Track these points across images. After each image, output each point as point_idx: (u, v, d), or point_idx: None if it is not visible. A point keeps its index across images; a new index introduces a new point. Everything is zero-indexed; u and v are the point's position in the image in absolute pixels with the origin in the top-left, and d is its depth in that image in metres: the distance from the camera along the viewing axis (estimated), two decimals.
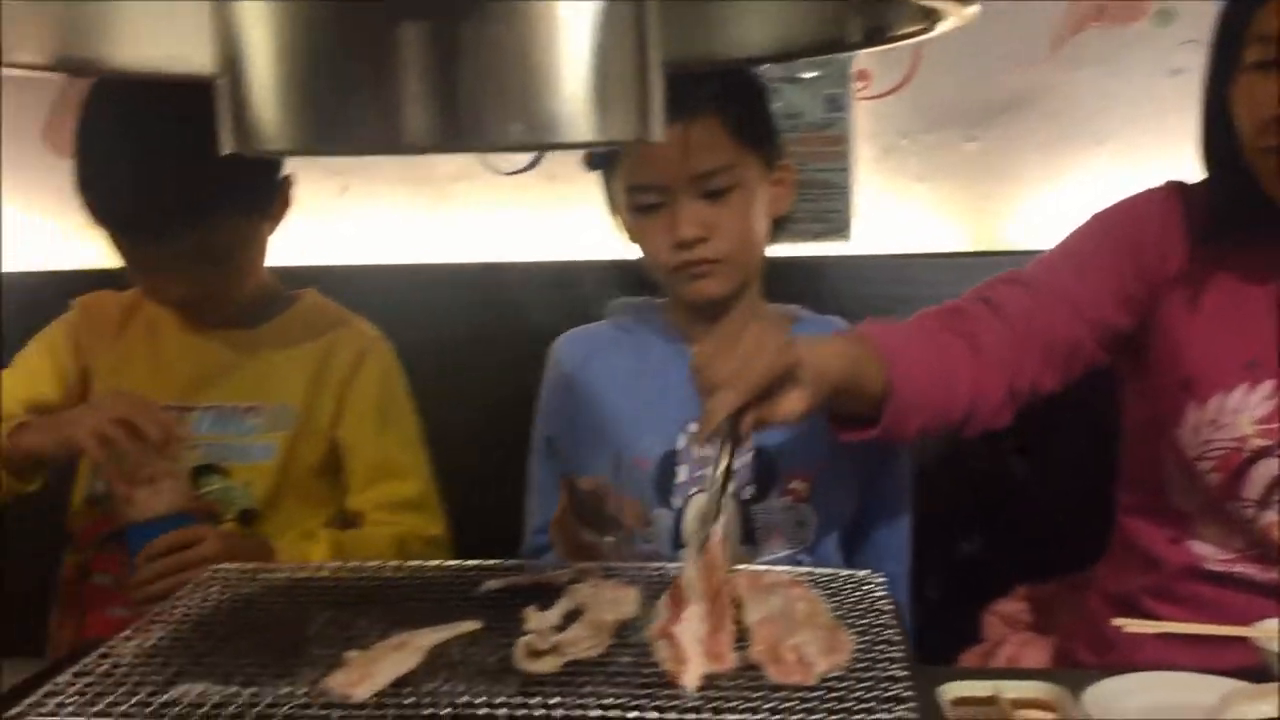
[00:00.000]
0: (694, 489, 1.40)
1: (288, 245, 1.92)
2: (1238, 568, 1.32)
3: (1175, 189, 1.39)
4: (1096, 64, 1.81)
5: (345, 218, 2.00)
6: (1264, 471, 1.29)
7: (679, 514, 1.40)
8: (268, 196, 1.51)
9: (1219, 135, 1.30)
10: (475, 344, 1.85)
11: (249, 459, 1.51)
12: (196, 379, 1.52)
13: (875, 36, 0.81)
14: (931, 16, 0.76)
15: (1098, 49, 1.80)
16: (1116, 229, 1.39)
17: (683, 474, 1.40)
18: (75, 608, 1.53)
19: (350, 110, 0.73)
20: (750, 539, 1.39)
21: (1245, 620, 1.16)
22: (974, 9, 0.76)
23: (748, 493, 1.39)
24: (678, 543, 1.38)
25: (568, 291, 1.76)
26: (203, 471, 1.49)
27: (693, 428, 1.40)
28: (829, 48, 0.89)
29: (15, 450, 1.37)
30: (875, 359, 1.22)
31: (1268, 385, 1.29)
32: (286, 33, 0.74)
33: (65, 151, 1.97)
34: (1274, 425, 1.29)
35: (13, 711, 0.82)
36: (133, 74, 0.95)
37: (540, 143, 0.75)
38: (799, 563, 1.39)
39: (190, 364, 1.54)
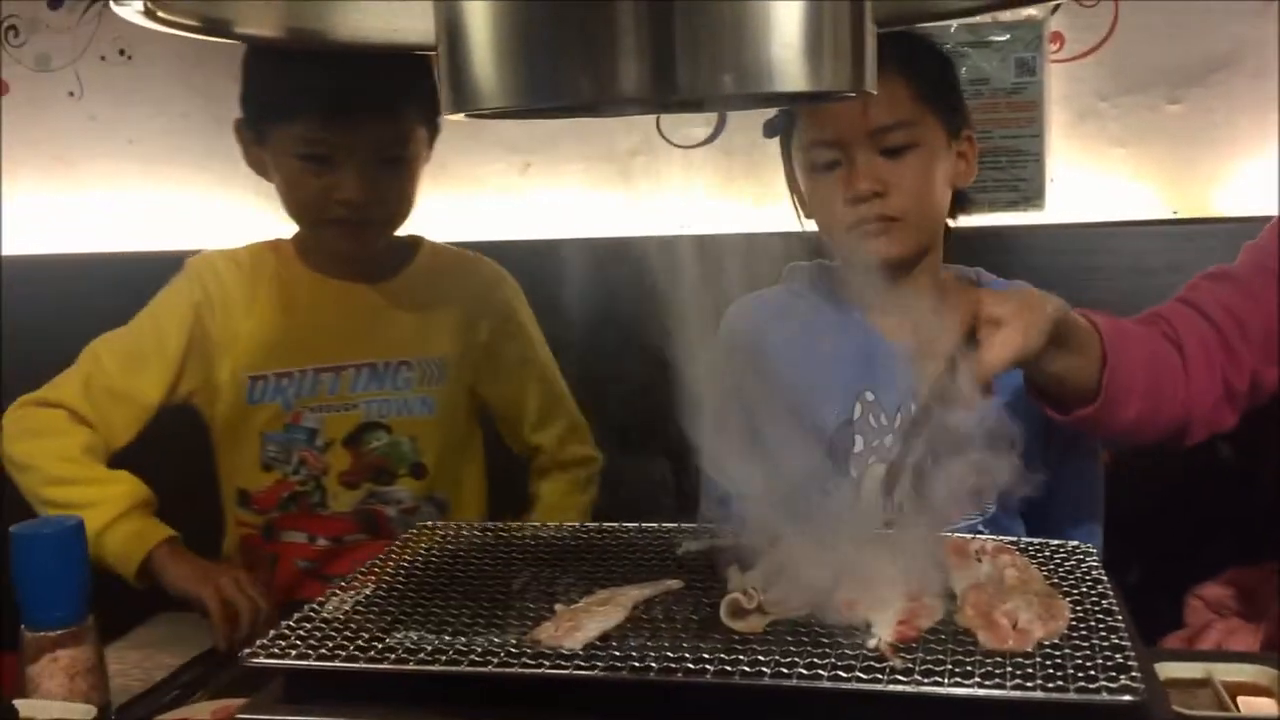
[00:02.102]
0: (871, 458, 1.38)
1: (472, 221, 1.98)
2: None
3: None
4: None
5: (528, 194, 2.03)
6: None
7: (856, 484, 1.38)
8: (435, 120, 1.51)
9: None
10: (654, 317, 1.86)
11: (410, 413, 1.54)
12: (344, 336, 1.54)
13: None
14: None
15: None
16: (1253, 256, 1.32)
17: (859, 444, 1.38)
18: (260, 563, 1.57)
19: (565, 64, 0.74)
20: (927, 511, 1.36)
21: None
22: None
23: (925, 461, 1.36)
24: (855, 513, 1.36)
25: (744, 265, 1.76)
26: (368, 429, 1.53)
27: (869, 396, 1.38)
28: None
29: (151, 580, 1.40)
30: (1089, 329, 1.18)
31: None
32: None
33: None
34: None
35: (246, 651, 0.87)
36: (348, 46, 0.98)
37: (753, 91, 0.75)
38: (978, 532, 1.36)
39: (335, 321, 1.55)
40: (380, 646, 0.86)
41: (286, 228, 2.08)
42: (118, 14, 0.81)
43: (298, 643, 0.87)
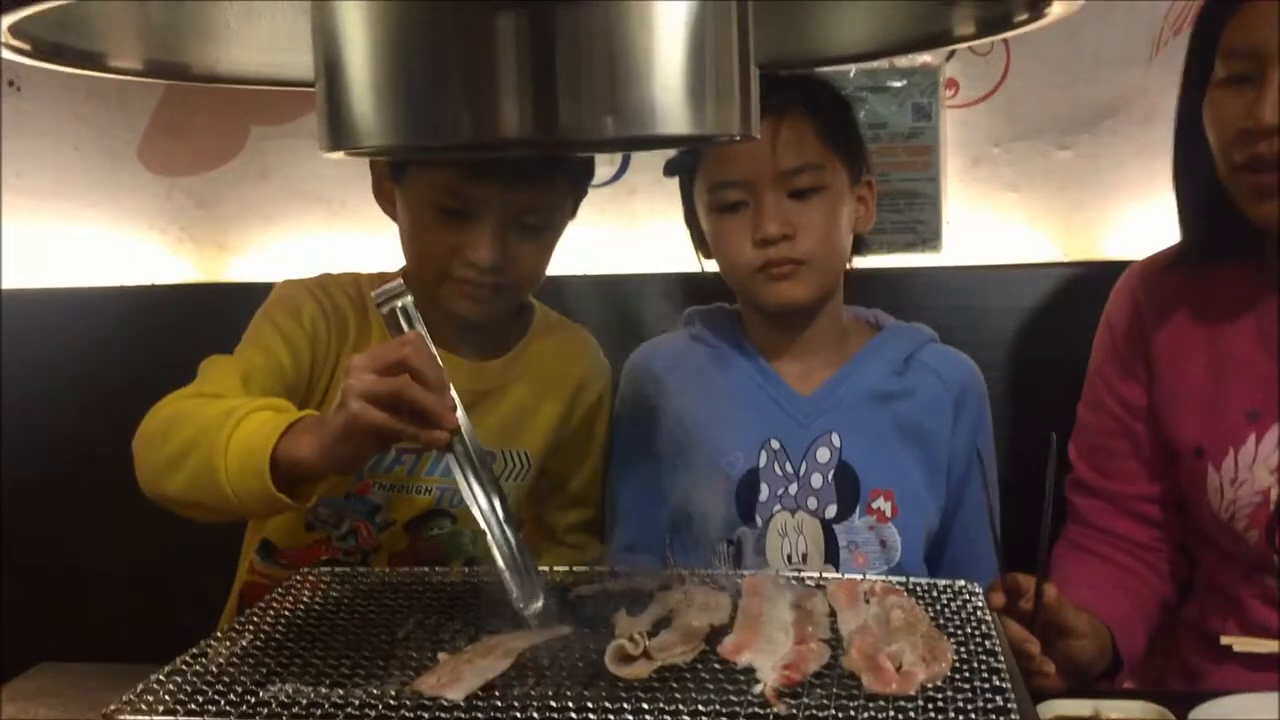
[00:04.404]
0: (776, 506, 1.38)
1: (380, 263, 1.94)
2: None
3: (1135, 271, 1.42)
4: None
5: None
6: None
7: (762, 533, 1.38)
8: (579, 192, 1.40)
9: (1193, 155, 1.27)
10: None
11: None
12: None
13: (987, 27, 0.80)
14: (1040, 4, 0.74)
15: None
16: (1095, 355, 1.44)
17: (764, 492, 1.38)
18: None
19: (446, 104, 0.73)
20: (832, 560, 1.36)
21: None
22: None
23: (829, 511, 1.37)
24: (761, 562, 1.36)
25: (647, 305, 1.76)
26: (433, 515, 1.41)
27: (774, 444, 1.38)
28: (931, 43, 0.88)
29: (294, 466, 1.04)
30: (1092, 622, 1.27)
31: (1275, 431, 1.26)
32: (384, 30, 0.75)
33: (160, 169, 2.04)
34: None
35: (110, 708, 0.83)
36: (227, 80, 0.96)
37: (635, 135, 0.75)
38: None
39: None
40: (254, 700, 0.83)
41: (188, 270, 2.05)
42: None
43: (166, 698, 0.84)
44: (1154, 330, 1.36)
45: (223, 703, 0.83)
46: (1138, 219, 1.80)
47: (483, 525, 1.01)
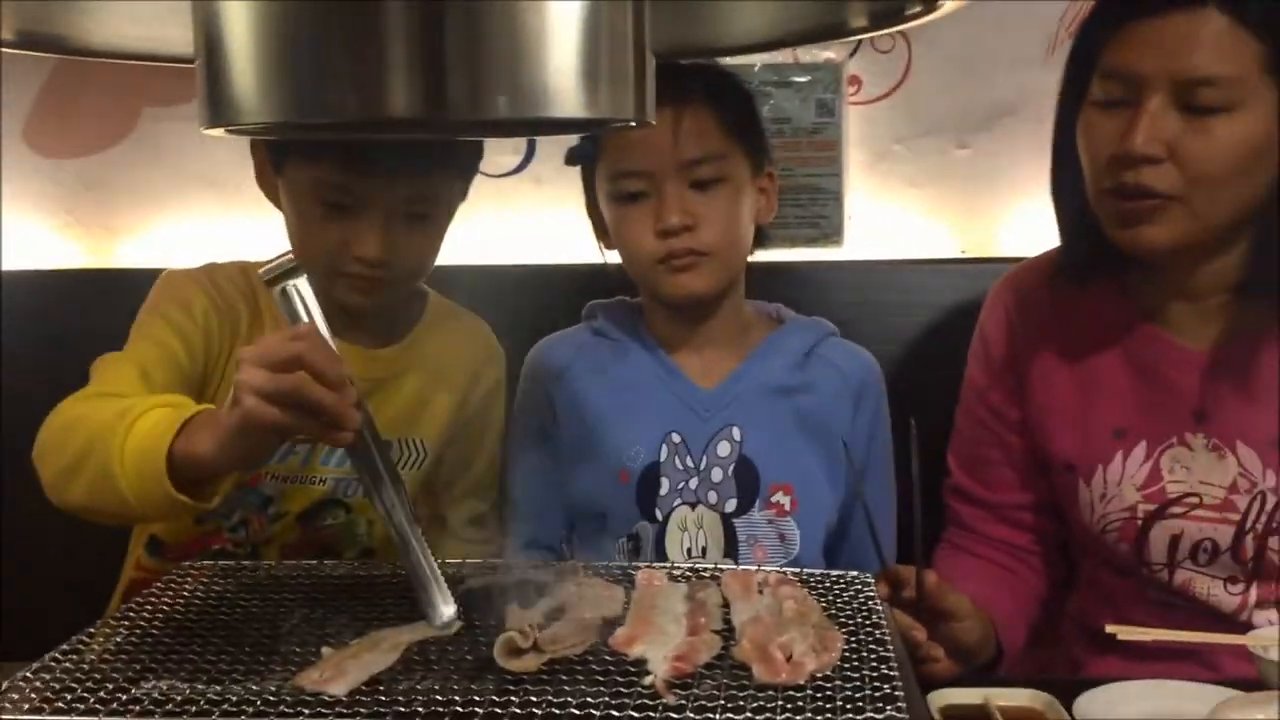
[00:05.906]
0: (676, 500, 1.37)
1: (274, 250, 1.89)
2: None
3: (1006, 283, 1.43)
4: None
5: None
6: (1160, 534, 1.29)
7: (661, 527, 1.37)
8: (468, 177, 1.38)
9: (1068, 173, 1.28)
10: None
11: None
12: None
13: (881, 20, 0.80)
14: None
15: None
16: (970, 365, 1.45)
17: (665, 486, 1.37)
18: None
19: (331, 80, 0.72)
20: (732, 554, 1.36)
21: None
22: None
23: (729, 506, 1.37)
24: (661, 556, 1.36)
25: (551, 295, 1.74)
26: (327, 505, 1.38)
27: (675, 438, 1.38)
28: (827, 34, 0.88)
29: (192, 466, 1.00)
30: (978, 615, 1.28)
31: (1140, 449, 1.29)
32: (267, 2, 0.72)
33: (47, 152, 1.96)
34: (1156, 488, 1.28)
35: None
36: (104, 54, 0.93)
37: (528, 116, 0.74)
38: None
39: None
40: (125, 697, 0.80)
41: (77, 254, 1.97)
42: None
43: (32, 695, 0.81)
44: (1025, 345, 1.38)
45: (92, 700, 0.80)
46: (1032, 216, 1.84)
47: (390, 528, 0.98)
